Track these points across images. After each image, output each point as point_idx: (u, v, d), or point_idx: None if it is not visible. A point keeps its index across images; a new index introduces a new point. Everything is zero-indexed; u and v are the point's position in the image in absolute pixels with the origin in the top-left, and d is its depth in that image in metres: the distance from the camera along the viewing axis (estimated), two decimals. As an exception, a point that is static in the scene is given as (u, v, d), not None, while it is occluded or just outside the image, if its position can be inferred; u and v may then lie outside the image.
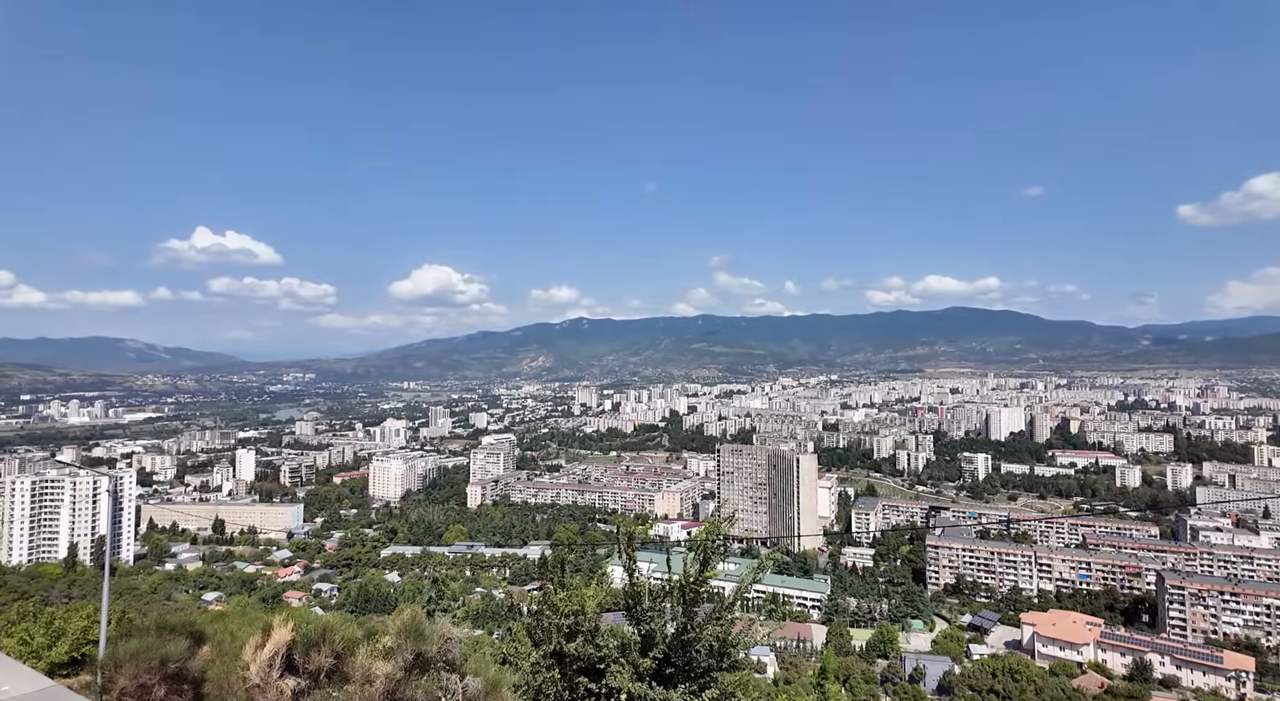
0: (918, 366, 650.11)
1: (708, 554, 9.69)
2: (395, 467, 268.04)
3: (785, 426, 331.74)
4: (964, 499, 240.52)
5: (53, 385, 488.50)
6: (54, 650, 13.52)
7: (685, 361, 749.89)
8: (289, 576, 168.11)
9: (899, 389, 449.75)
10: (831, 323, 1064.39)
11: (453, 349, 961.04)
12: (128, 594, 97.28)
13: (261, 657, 8.20)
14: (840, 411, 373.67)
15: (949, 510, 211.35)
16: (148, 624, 10.41)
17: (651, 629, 9.88)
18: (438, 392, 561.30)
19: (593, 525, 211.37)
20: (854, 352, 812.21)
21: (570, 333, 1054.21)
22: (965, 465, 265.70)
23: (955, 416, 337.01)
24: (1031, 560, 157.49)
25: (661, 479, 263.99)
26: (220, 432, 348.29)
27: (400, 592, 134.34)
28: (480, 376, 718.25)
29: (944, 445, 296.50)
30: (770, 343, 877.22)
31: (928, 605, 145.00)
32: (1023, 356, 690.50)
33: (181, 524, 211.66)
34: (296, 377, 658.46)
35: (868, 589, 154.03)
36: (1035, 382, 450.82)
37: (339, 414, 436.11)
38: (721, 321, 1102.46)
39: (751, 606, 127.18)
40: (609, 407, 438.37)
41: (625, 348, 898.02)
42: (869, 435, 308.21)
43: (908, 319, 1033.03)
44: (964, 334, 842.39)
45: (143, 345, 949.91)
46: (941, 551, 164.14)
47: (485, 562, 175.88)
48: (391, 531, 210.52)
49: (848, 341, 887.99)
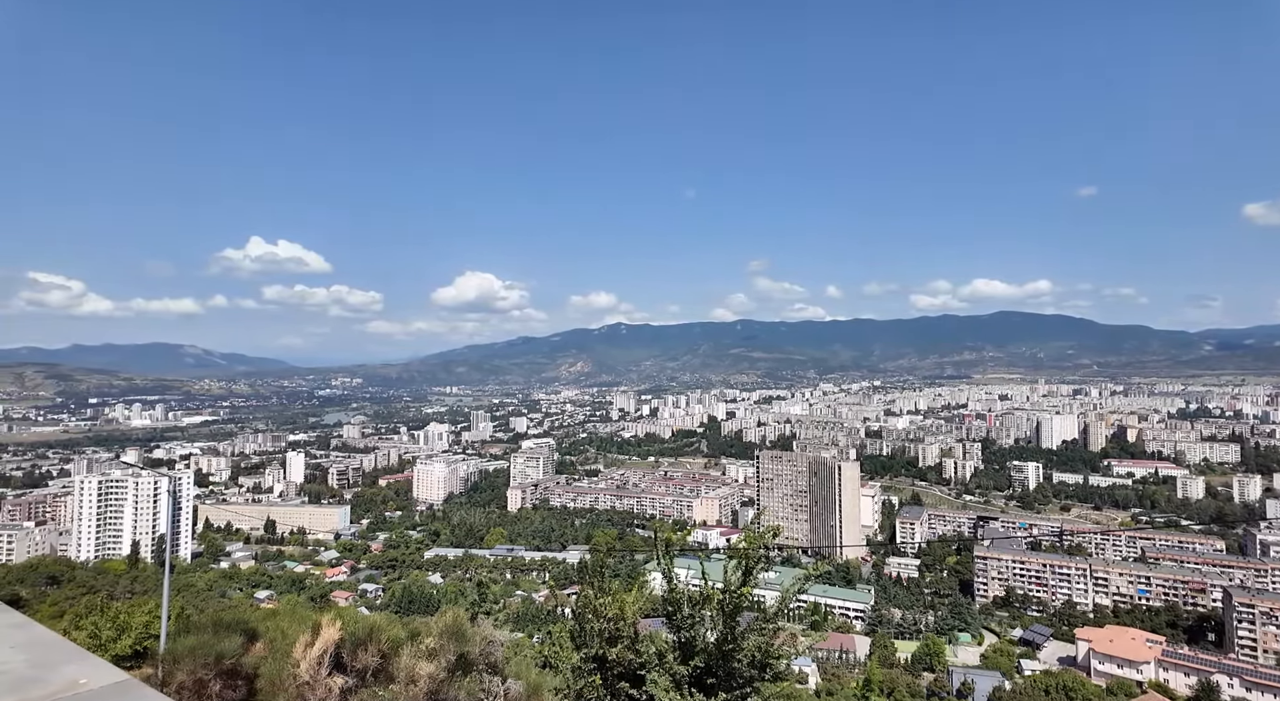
0: (964, 372, 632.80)
1: (749, 563, 9.58)
2: (438, 471, 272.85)
3: (826, 433, 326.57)
4: (1014, 509, 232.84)
5: (118, 389, 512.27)
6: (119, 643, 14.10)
7: (723, 367, 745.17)
8: (336, 576, 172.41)
9: (945, 395, 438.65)
10: (874, 327, 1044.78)
11: (493, 354, 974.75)
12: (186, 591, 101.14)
13: (311, 656, 8.44)
14: (884, 418, 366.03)
15: (998, 520, 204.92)
16: (204, 621, 10.81)
17: (691, 636, 9.80)
18: (479, 397, 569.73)
19: (631, 530, 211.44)
20: (898, 358, 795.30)
21: (608, 338, 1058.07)
22: (1015, 474, 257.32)
23: (1004, 424, 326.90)
24: (1086, 573, 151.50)
25: (700, 485, 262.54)
26: (272, 435, 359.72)
27: (443, 594, 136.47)
28: (520, 381, 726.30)
29: (992, 453, 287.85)
30: (810, 348, 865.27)
31: (976, 618, 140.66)
32: (1075, 362, 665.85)
33: (235, 524, 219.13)
34: (344, 382, 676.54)
35: (913, 600, 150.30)
36: (1089, 389, 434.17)
37: (384, 418, 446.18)
38: (760, 326, 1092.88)
39: (793, 616, 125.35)
40: (647, 413, 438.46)
41: (663, 353, 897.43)
42: (914, 442, 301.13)
43: (954, 323, 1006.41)
44: (1013, 339, 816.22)
45: (200, 351, 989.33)
46: (990, 562, 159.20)
47: (525, 566, 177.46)
48: (434, 533, 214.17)
49: (891, 347, 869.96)
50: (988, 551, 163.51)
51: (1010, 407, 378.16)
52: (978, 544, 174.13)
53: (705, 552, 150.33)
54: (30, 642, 2.82)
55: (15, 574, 62.86)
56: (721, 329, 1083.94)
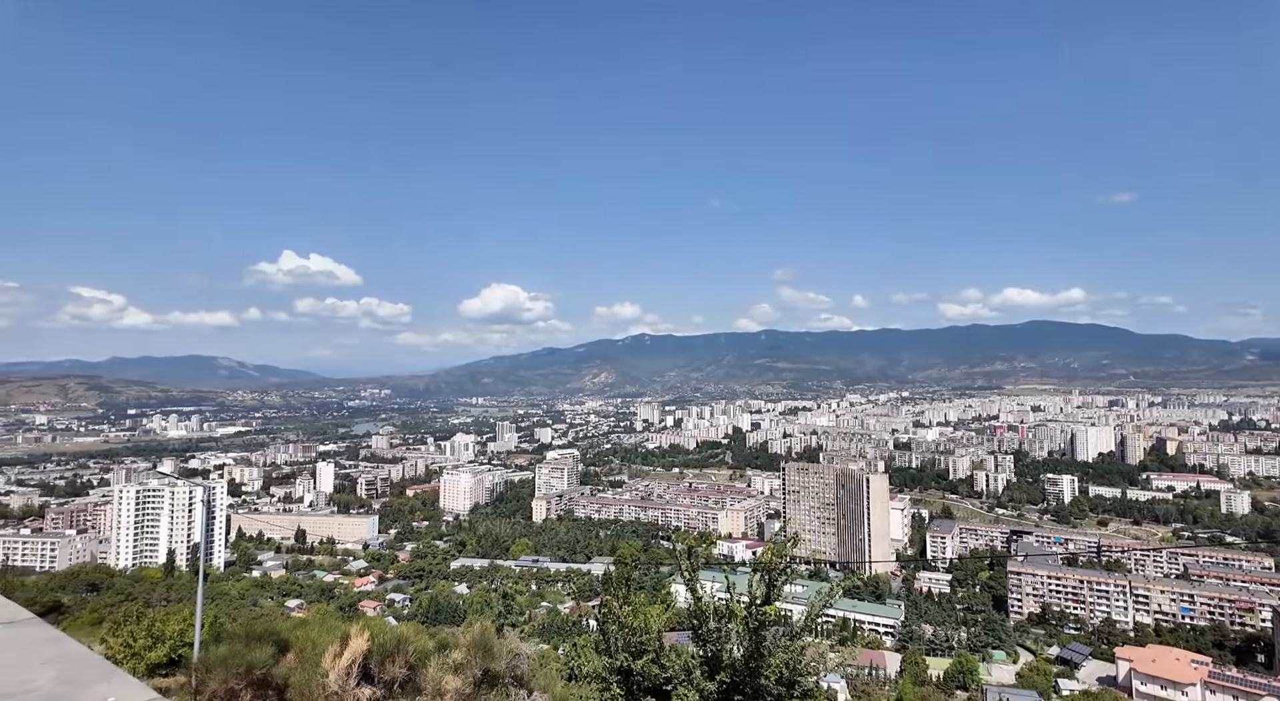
0: (996, 383, 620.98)
1: (774, 575, 9.47)
2: (464, 481, 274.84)
3: (854, 444, 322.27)
4: (1048, 523, 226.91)
5: (155, 400, 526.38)
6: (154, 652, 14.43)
7: (748, 377, 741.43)
8: (365, 586, 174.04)
9: (976, 406, 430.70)
10: (902, 337, 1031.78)
11: (519, 365, 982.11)
12: (219, 599, 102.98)
13: (340, 666, 8.53)
14: (912, 429, 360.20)
15: (1032, 535, 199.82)
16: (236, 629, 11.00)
17: (718, 651, 9.71)
18: (504, 408, 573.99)
19: (656, 542, 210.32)
20: (926, 368, 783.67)
21: (632, 349, 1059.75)
22: (1049, 487, 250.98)
23: (1037, 435, 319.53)
24: (1126, 590, 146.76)
25: (725, 497, 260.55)
26: (302, 446, 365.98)
27: (469, 605, 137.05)
28: (545, 392, 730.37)
29: (1025, 466, 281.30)
30: (837, 358, 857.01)
31: (1010, 635, 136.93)
32: (1111, 372, 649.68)
33: (267, 533, 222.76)
34: (373, 393, 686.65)
35: (944, 616, 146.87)
36: (1126, 400, 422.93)
37: (412, 428, 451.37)
38: (785, 336, 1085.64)
39: (821, 631, 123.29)
40: (671, 424, 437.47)
41: (687, 363, 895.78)
42: (944, 455, 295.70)
43: (984, 333, 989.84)
44: (1046, 348, 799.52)
45: (234, 363, 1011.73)
46: (1025, 578, 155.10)
47: (551, 577, 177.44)
48: (461, 544, 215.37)
49: (920, 357, 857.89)
50: (1022, 566, 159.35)
51: (1043, 419, 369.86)
52: (1011, 558, 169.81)
53: (731, 565, 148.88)
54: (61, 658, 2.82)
55: (58, 580, 64.59)
56: (746, 339, 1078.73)
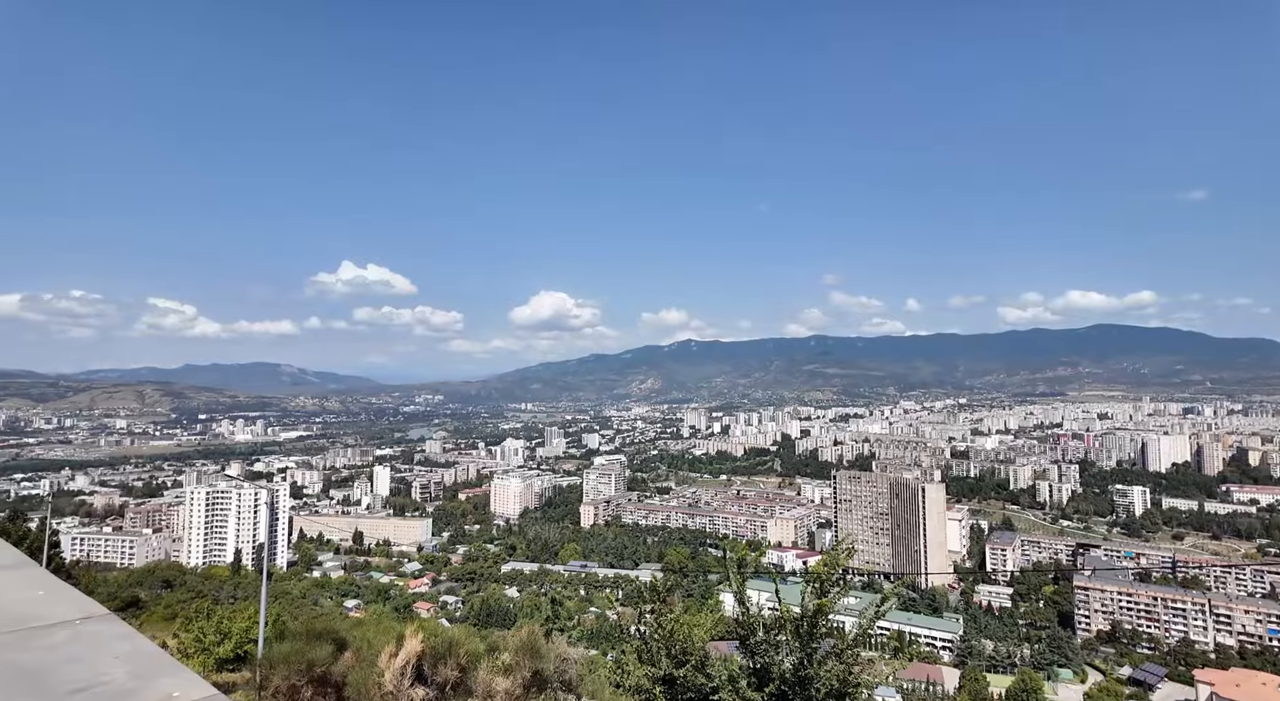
0: (1059, 389, 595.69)
1: (826, 586, 9.29)
2: (514, 486, 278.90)
3: (908, 453, 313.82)
4: (1117, 536, 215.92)
5: (223, 406, 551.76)
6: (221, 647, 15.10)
7: (797, 383, 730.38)
8: (419, 588, 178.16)
9: (1037, 414, 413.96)
10: (959, 342, 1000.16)
11: (566, 371, 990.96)
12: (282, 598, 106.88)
13: (395, 666, 8.76)
14: (970, 438, 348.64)
15: (1100, 548, 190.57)
16: (298, 628, 11.41)
17: (766, 662, 9.57)
18: (552, 413, 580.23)
19: (704, 550, 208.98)
20: (984, 374, 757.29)
21: (678, 355, 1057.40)
22: (1118, 499, 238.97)
23: (1104, 444, 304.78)
24: (1205, 609, 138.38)
25: (774, 505, 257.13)
26: (360, 450, 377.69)
27: (519, 608, 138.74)
28: (592, 398, 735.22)
29: (1091, 476, 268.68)
30: (890, 364, 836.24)
31: (1078, 653, 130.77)
32: (1185, 378, 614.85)
33: (326, 534, 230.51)
34: (427, 399, 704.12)
35: (1006, 631, 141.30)
36: (1201, 408, 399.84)
37: (464, 433, 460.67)
38: (836, 342, 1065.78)
39: (874, 643, 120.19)
40: (718, 430, 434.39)
41: (734, 369, 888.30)
42: (1004, 464, 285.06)
43: (1046, 338, 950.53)
44: (1113, 354, 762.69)
45: (296, 370, 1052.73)
46: (1093, 594, 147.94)
47: (599, 582, 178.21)
48: (511, 547, 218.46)
49: (977, 362, 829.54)
50: (1089, 581, 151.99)
51: (1111, 427, 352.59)
52: (1078, 573, 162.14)
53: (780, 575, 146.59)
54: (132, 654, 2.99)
55: (136, 577, 68.24)
56: (795, 345, 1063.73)
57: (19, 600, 3.73)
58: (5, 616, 3.46)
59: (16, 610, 3.56)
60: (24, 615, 3.47)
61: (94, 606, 3.67)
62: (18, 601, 3.70)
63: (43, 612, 3.53)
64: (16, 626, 3.32)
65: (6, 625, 3.33)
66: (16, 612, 3.52)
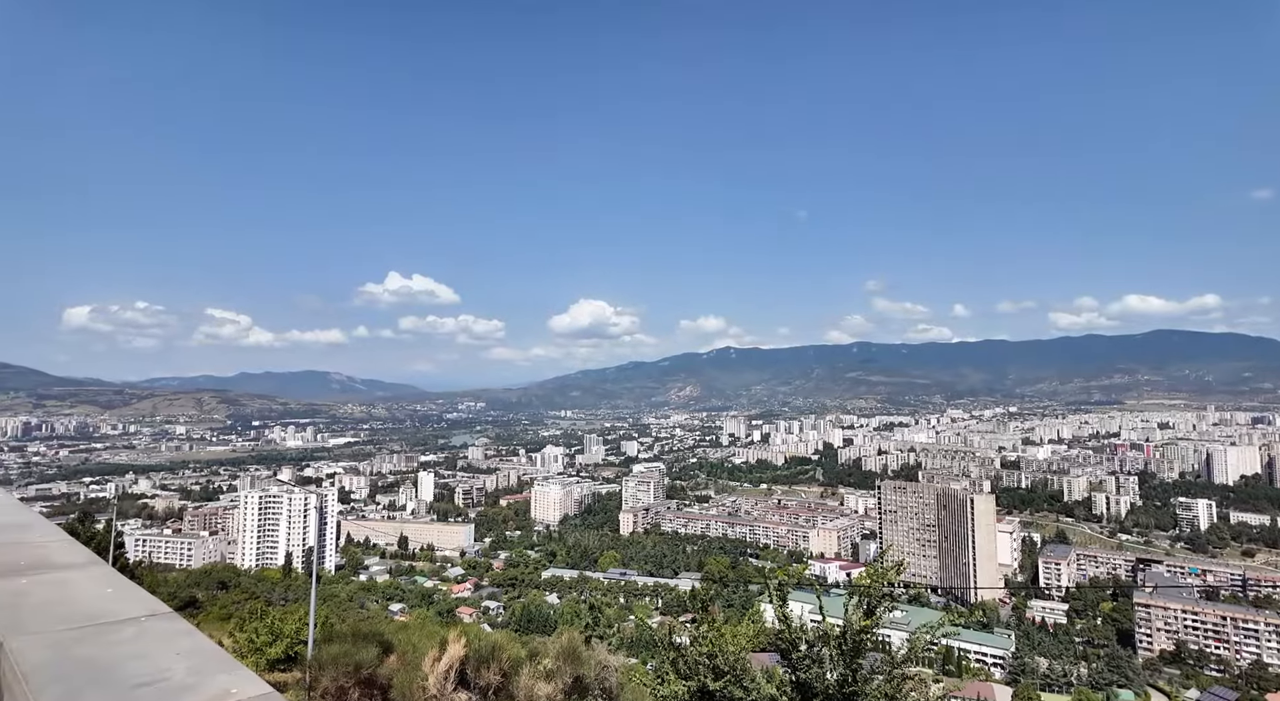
0: (1115, 398, 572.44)
1: (872, 600, 9.08)
2: (554, 492, 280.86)
3: (956, 463, 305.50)
4: (1181, 551, 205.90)
5: (276, 413, 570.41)
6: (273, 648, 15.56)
7: (839, 391, 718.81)
8: (461, 592, 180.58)
9: (1093, 423, 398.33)
10: (1008, 349, 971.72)
11: (604, 379, 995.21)
12: (330, 600, 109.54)
13: (438, 670, 8.89)
14: (1021, 447, 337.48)
15: (1162, 564, 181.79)
16: (345, 630, 11.68)
17: (809, 677, 9.39)
18: (591, 421, 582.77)
19: (744, 559, 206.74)
20: (1036, 382, 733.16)
21: (717, 362, 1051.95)
22: (1181, 512, 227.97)
23: (1165, 455, 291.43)
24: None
25: (816, 515, 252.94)
26: (405, 456, 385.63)
27: (559, 615, 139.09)
28: (630, 405, 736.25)
29: (1152, 488, 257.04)
30: (936, 371, 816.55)
31: (1139, 673, 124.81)
32: (1254, 386, 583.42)
33: (373, 539, 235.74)
34: (469, 406, 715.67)
35: (1061, 649, 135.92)
36: (1273, 417, 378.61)
37: (505, 440, 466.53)
38: (879, 349, 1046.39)
39: (923, 659, 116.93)
40: (758, 438, 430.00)
41: (774, 377, 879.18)
42: (1057, 475, 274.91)
43: (1101, 344, 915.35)
44: (1173, 360, 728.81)
45: (344, 378, 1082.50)
46: (1155, 611, 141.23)
47: (638, 591, 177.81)
48: (551, 554, 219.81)
49: (1028, 369, 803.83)
50: (1151, 599, 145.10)
51: (1173, 437, 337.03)
52: (1138, 589, 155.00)
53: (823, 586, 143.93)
54: (192, 650, 3.16)
55: (193, 578, 70.81)
56: (836, 351, 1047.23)
57: (90, 597, 4.03)
58: (78, 612, 3.76)
59: (88, 607, 3.85)
60: (95, 612, 3.74)
61: (158, 604, 3.90)
62: (89, 598, 4.00)
63: (111, 609, 3.79)
64: (88, 622, 3.58)
65: (80, 620, 3.61)
66: (88, 609, 3.80)
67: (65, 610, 3.82)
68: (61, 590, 4.35)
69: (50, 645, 3.27)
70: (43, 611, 3.81)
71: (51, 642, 3.31)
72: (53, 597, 4.12)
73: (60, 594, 4.24)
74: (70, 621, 3.60)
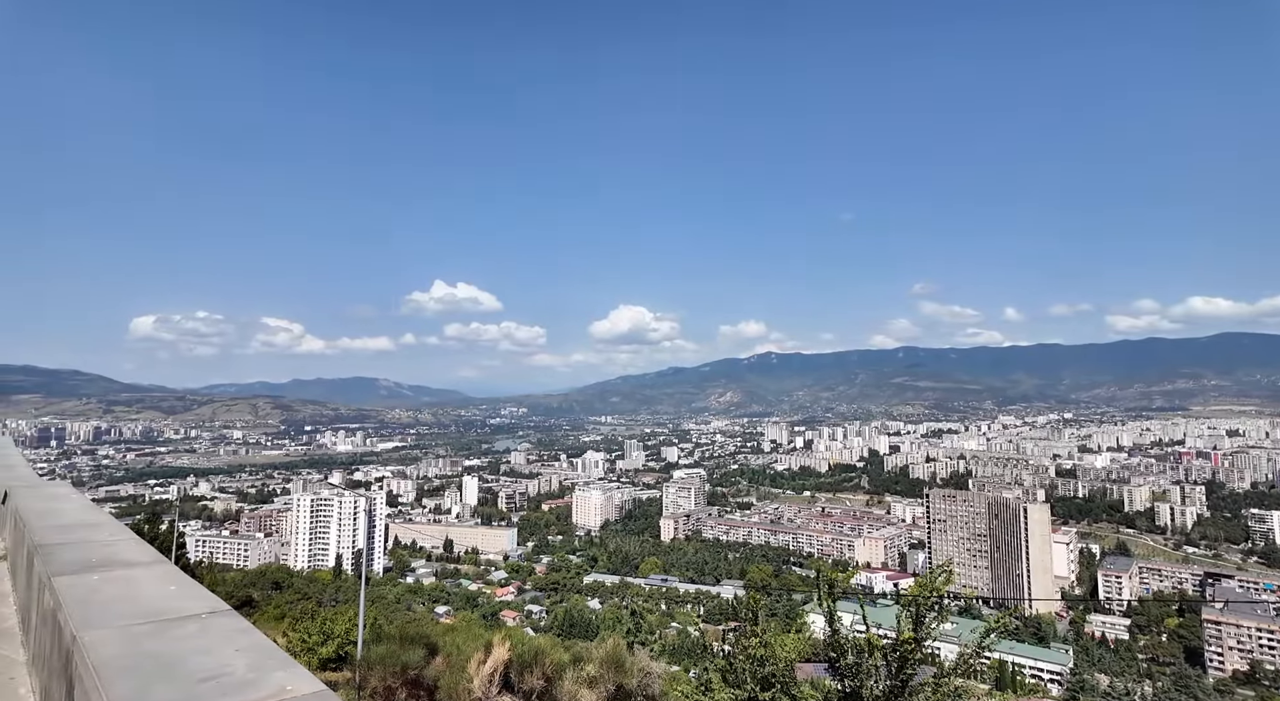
0: (1179, 404, 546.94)
1: (921, 611, 8.83)
2: (595, 498, 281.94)
3: (1008, 470, 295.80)
4: (1255, 566, 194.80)
5: (327, 418, 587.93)
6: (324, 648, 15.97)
7: (884, 397, 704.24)
8: (505, 596, 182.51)
9: (1155, 430, 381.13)
10: (1063, 353, 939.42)
11: (645, 384, 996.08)
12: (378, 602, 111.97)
13: (484, 673, 8.98)
14: (1078, 455, 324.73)
15: (1233, 578, 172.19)
16: (393, 632, 11.92)
17: (857, 687, 9.18)
18: (631, 427, 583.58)
19: (787, 568, 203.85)
20: (1093, 387, 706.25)
21: (758, 368, 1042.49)
22: (1254, 525, 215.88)
23: (1236, 464, 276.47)
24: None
25: (861, 523, 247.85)
26: (450, 460, 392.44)
27: (601, 620, 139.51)
28: (670, 411, 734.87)
29: (1221, 499, 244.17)
30: (986, 376, 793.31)
31: (1210, 694, 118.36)
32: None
33: (419, 542, 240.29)
34: (512, 411, 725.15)
35: (1123, 666, 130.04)
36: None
37: (546, 445, 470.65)
38: (926, 353, 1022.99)
39: (975, 673, 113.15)
40: (800, 445, 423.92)
41: (817, 382, 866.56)
42: (1117, 484, 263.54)
43: (1163, 347, 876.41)
44: (1243, 364, 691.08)
45: (392, 384, 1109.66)
46: (1226, 629, 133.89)
47: (680, 598, 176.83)
48: (593, 559, 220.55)
49: (1084, 374, 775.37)
50: (1222, 615, 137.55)
51: (1243, 445, 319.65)
52: (1207, 605, 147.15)
53: (870, 596, 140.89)
54: (251, 647, 3.30)
55: (249, 578, 73.32)
56: (881, 356, 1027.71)
57: (156, 594, 4.31)
58: (145, 608, 3.99)
59: (154, 603, 4.09)
60: (160, 608, 3.97)
61: (217, 602, 4.11)
62: (155, 596, 4.28)
63: (175, 606, 4.02)
64: (154, 618, 3.80)
65: (147, 616, 3.83)
66: (154, 606, 4.04)
67: (133, 606, 4.04)
68: (129, 587, 4.55)
69: (120, 639, 3.44)
70: (112, 607, 4.03)
71: (121, 637, 3.49)
72: (121, 593, 4.35)
73: (128, 590, 4.45)
74: (137, 617, 3.82)
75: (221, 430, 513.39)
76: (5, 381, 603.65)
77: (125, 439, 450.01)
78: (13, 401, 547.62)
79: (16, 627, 6.57)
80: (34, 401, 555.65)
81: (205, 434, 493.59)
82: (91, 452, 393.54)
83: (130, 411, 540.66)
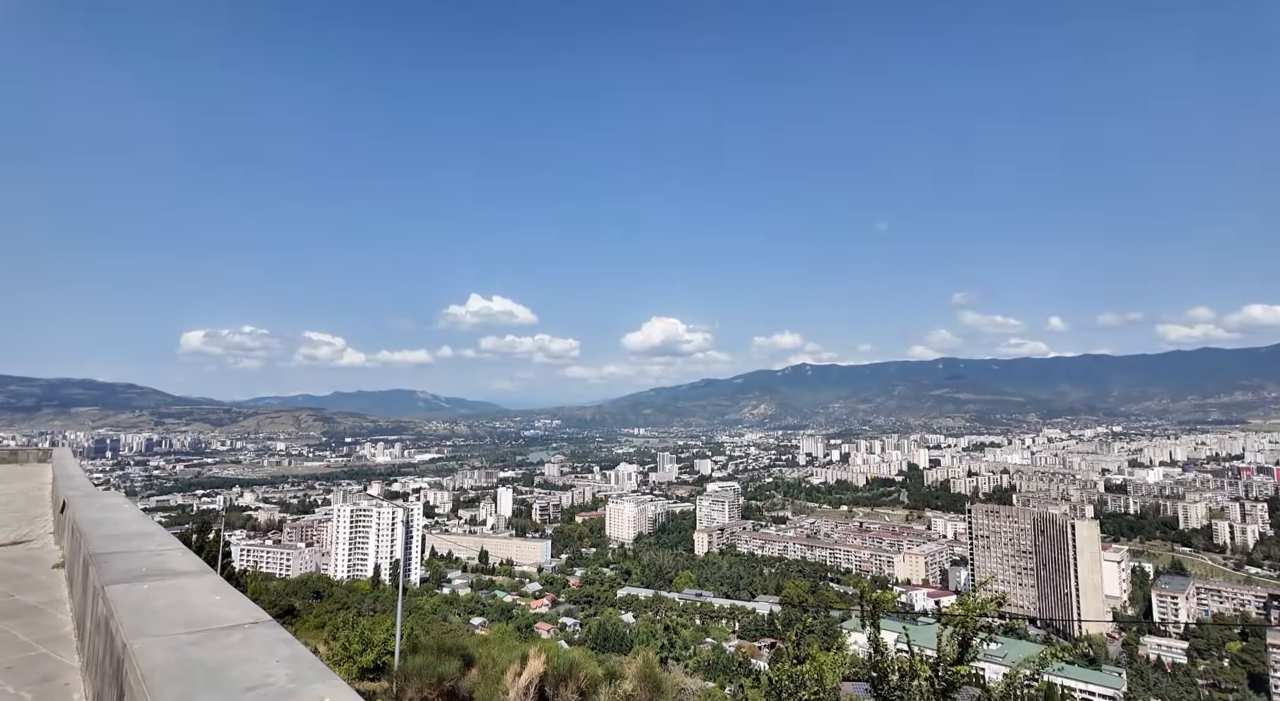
0: (1237, 417, 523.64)
1: (968, 632, 8.55)
2: (628, 510, 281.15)
3: (1054, 485, 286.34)
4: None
5: (366, 430, 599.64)
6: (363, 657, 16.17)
7: (924, 409, 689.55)
8: (539, 608, 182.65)
9: (1211, 444, 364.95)
10: (1111, 364, 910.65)
11: (678, 396, 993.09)
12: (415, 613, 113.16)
13: (519, 685, 8.96)
14: (1128, 470, 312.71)
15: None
16: (429, 642, 12.01)
17: (900, 710, 8.90)
18: (664, 439, 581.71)
19: (824, 584, 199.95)
20: (1143, 399, 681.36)
21: (792, 379, 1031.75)
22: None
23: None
24: None
25: (901, 539, 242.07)
26: (485, 472, 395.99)
27: (635, 634, 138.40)
28: (703, 423, 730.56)
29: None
30: (1030, 388, 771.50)
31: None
32: None
33: (455, 552, 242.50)
34: (545, 423, 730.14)
35: (1181, 691, 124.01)
36: None
37: (580, 457, 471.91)
38: (967, 365, 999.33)
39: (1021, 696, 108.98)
40: (837, 458, 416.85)
41: (853, 394, 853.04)
42: (1171, 500, 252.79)
43: (1219, 358, 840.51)
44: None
45: (429, 396, 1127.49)
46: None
47: (714, 613, 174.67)
48: (626, 572, 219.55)
49: (1134, 386, 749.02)
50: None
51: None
52: (1272, 628, 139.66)
53: (911, 614, 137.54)
54: (291, 658, 3.35)
55: (291, 587, 74.85)
56: (920, 368, 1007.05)
57: (202, 604, 4.41)
58: (192, 617, 4.09)
59: (200, 613, 4.19)
60: (206, 618, 4.07)
61: (259, 612, 4.19)
62: (201, 605, 4.38)
63: (220, 615, 4.12)
64: (200, 627, 3.88)
65: (193, 625, 3.92)
66: (200, 615, 4.15)
67: (180, 615, 4.13)
68: (177, 596, 4.64)
69: (168, 647, 3.52)
70: (161, 615, 4.12)
71: (169, 645, 3.56)
72: (170, 602, 4.45)
73: (176, 599, 4.55)
74: (185, 626, 3.90)
75: (266, 441, 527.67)
76: (67, 395, 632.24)
77: (175, 450, 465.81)
78: (73, 414, 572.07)
79: (72, 634, 6.81)
80: (91, 414, 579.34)
81: (250, 445, 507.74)
82: (144, 463, 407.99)
83: (180, 423, 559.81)
